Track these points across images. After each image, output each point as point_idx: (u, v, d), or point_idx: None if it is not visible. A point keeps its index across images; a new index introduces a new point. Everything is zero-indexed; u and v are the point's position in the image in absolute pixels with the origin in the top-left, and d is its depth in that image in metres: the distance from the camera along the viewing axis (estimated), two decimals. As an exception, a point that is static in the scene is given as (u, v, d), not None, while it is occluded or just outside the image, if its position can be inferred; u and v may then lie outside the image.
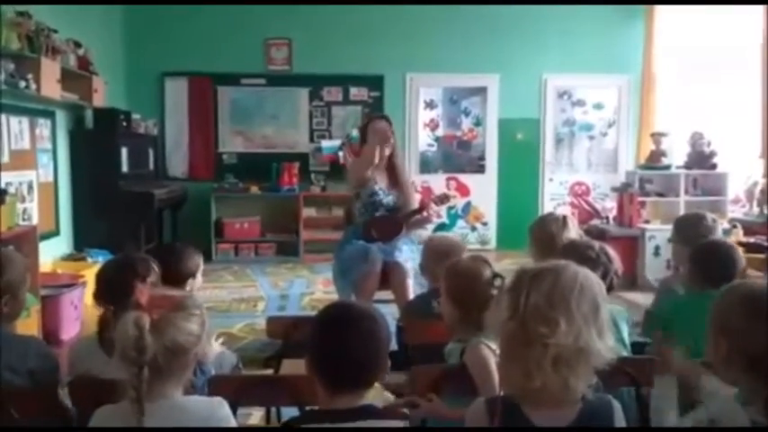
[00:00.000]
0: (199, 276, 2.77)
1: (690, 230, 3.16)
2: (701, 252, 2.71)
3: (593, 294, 1.52)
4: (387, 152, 4.49)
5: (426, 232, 5.73)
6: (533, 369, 1.45)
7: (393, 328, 3.16)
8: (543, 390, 1.45)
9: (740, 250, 2.80)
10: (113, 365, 1.63)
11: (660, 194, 7.21)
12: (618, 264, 2.53)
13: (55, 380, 2.18)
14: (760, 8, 6.56)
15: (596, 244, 2.58)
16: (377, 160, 4.43)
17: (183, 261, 2.73)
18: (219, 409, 1.67)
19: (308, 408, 1.93)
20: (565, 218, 3.11)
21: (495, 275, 2.21)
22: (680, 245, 3.17)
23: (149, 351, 1.54)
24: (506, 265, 5.75)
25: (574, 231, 3.05)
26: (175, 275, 2.66)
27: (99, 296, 2.34)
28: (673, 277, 3.18)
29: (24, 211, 5.47)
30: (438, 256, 3.01)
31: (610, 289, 2.48)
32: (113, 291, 2.27)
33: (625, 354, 2.44)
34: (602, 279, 2.40)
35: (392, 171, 4.57)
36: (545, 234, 3.04)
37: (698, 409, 1.58)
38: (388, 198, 4.50)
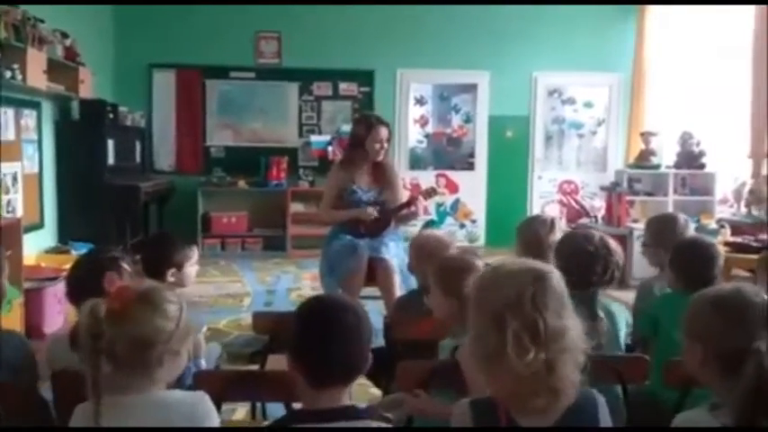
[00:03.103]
0: (187, 269, 2.73)
1: (662, 232, 3.14)
2: (680, 252, 2.70)
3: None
4: (379, 158, 4.45)
5: (414, 229, 5.71)
6: (564, 386, 1.43)
7: (380, 325, 3.15)
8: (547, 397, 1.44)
9: (719, 247, 2.80)
10: None
11: (649, 194, 7.23)
12: (619, 255, 2.47)
13: (33, 374, 2.14)
14: (751, 9, 6.58)
15: (596, 236, 2.51)
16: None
17: (164, 249, 2.70)
18: (201, 404, 1.63)
19: (292, 406, 1.90)
20: (553, 221, 3.10)
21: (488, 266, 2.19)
22: (653, 248, 3.15)
23: (105, 338, 1.50)
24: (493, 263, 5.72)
25: (560, 234, 3.02)
26: (155, 264, 2.63)
27: (68, 294, 2.30)
28: (652, 279, 3.16)
29: (8, 202, 5.41)
30: (425, 254, 3.00)
31: (611, 281, 2.45)
32: (78, 289, 2.23)
33: (618, 353, 2.43)
34: (602, 273, 2.39)
35: (378, 170, 4.50)
36: (533, 236, 3.03)
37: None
38: (367, 195, 4.45)
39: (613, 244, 2.50)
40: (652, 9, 8.10)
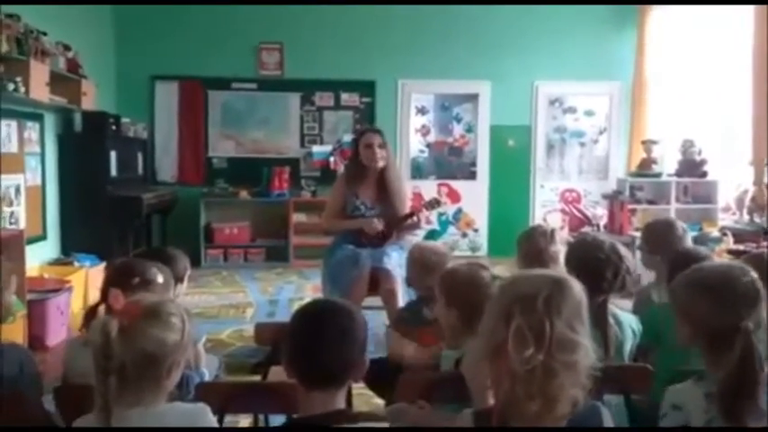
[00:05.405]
0: (185, 281, 2.73)
1: (660, 238, 3.14)
2: (676, 265, 2.69)
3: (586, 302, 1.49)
4: (380, 165, 4.45)
5: (416, 238, 5.71)
6: (560, 396, 1.37)
7: (382, 335, 3.14)
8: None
9: (715, 258, 2.81)
10: None
11: (651, 202, 7.21)
12: (630, 261, 2.47)
13: (38, 388, 2.14)
14: (751, 17, 6.59)
15: (606, 242, 2.52)
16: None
17: (174, 265, 2.68)
18: (202, 416, 1.64)
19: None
20: (553, 231, 3.09)
21: (495, 278, 2.19)
22: (649, 254, 3.15)
23: (116, 358, 1.51)
24: (498, 272, 5.71)
25: (561, 245, 3.02)
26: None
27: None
28: (649, 287, 3.15)
29: (11, 214, 5.42)
30: (424, 267, 3.00)
31: (622, 288, 2.45)
32: (103, 291, 2.24)
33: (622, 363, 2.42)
34: (613, 278, 2.40)
35: (382, 184, 4.50)
36: (533, 247, 3.02)
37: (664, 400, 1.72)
38: (370, 212, 4.45)
39: (623, 249, 2.50)
40: (652, 17, 8.10)
